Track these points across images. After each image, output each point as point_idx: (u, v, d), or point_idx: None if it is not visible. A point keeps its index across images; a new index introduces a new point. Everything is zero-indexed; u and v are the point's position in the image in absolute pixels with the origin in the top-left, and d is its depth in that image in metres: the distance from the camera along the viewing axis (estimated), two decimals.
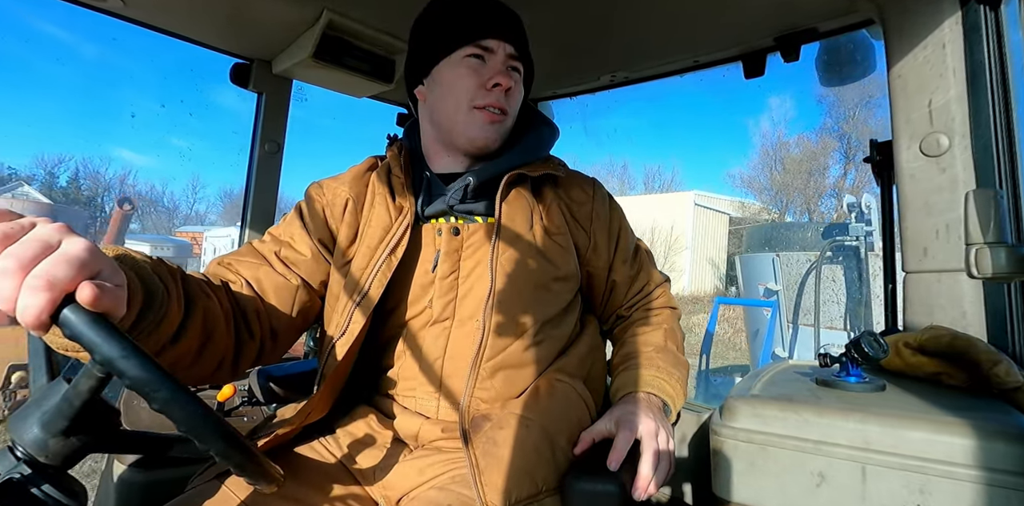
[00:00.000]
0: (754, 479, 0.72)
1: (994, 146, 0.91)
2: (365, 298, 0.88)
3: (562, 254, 0.97)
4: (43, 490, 0.51)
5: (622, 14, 1.30)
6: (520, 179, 0.98)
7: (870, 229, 5.34)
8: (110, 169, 57.94)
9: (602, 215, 1.05)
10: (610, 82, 1.68)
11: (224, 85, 2.60)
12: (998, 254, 0.66)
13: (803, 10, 1.22)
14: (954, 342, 0.82)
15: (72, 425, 0.53)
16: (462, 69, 0.93)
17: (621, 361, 1.01)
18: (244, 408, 1.49)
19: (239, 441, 0.54)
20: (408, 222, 0.92)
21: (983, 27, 0.92)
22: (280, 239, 0.96)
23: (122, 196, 29.14)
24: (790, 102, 41.85)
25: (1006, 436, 0.61)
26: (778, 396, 0.78)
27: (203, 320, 0.75)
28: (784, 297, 6.06)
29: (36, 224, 0.47)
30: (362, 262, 0.91)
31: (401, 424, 0.90)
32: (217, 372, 0.82)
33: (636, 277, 1.09)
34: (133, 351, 0.47)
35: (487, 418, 0.86)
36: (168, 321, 0.67)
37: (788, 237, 6.39)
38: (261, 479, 0.59)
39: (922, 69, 0.97)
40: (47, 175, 38.87)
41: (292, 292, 0.91)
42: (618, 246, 1.06)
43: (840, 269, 5.51)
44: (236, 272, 0.89)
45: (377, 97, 1.85)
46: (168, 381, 0.49)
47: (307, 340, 1.87)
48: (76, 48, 76.82)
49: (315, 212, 0.98)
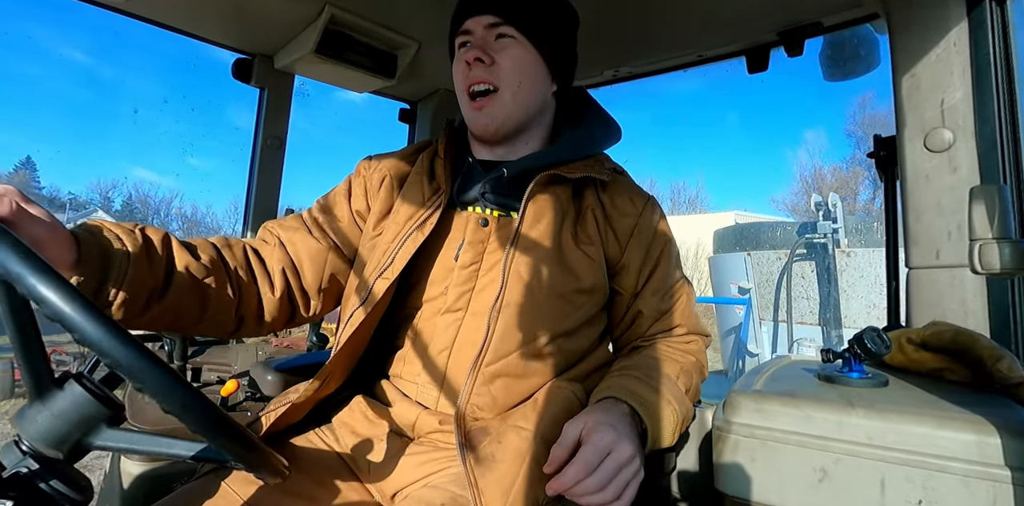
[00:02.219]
0: (756, 474, 0.72)
1: (999, 141, 0.91)
2: (388, 269, 0.87)
3: (589, 266, 0.90)
4: (49, 484, 0.52)
5: (626, 9, 1.30)
6: (556, 179, 0.91)
7: (836, 226, 5.49)
8: (159, 192, 60.10)
9: (644, 234, 0.96)
10: (614, 76, 1.68)
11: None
12: (1002, 250, 0.66)
13: (807, 4, 1.22)
14: (957, 338, 0.82)
15: (78, 420, 0.53)
16: (458, 59, 0.94)
17: (616, 369, 0.90)
18: (248, 403, 1.50)
19: (242, 433, 0.54)
20: (441, 203, 0.90)
21: (989, 22, 0.92)
22: (324, 206, 1.00)
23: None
24: (824, 136, 46.71)
25: (1009, 431, 0.61)
26: (781, 392, 0.78)
27: (192, 281, 0.81)
28: (756, 295, 6.17)
29: None
30: (389, 236, 0.91)
31: (398, 411, 0.88)
32: (241, 327, 0.90)
33: (667, 315, 0.97)
34: (44, 269, 0.46)
35: (485, 432, 0.82)
36: (139, 281, 0.74)
37: (757, 236, 6.52)
38: (266, 471, 0.59)
39: (927, 64, 0.96)
40: (103, 199, 40.86)
41: (324, 254, 0.94)
42: (653, 274, 0.96)
43: (809, 266, 5.66)
44: (275, 234, 0.95)
45: (379, 92, 1.84)
46: (127, 339, 0.47)
47: (310, 334, 1.87)
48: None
49: (357, 183, 1.01)
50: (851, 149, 33.98)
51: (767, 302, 6.05)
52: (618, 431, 0.72)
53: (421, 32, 1.49)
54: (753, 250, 6.30)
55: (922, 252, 0.97)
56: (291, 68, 1.59)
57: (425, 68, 1.68)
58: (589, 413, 0.77)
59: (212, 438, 0.53)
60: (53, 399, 0.53)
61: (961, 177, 0.93)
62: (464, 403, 0.83)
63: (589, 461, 0.68)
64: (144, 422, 1.29)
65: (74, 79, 76.95)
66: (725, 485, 0.75)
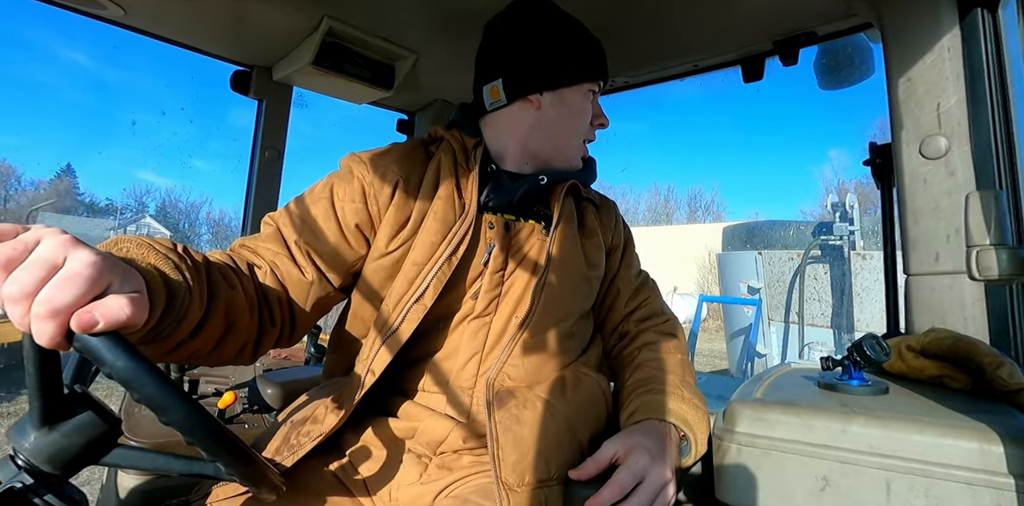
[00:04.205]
0: (758, 483, 0.72)
1: (994, 147, 0.91)
2: (424, 295, 0.85)
3: (598, 252, 1.05)
4: (44, 499, 0.51)
5: (621, 19, 1.31)
6: (573, 190, 1.06)
7: (853, 229, 5.42)
8: (189, 196, 60.75)
9: (621, 233, 1.15)
10: (610, 86, 1.69)
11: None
12: (999, 256, 0.66)
13: (801, 14, 1.23)
14: (956, 344, 0.82)
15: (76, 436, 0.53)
16: (586, 102, 1.03)
17: (639, 384, 0.93)
18: (245, 415, 1.49)
19: (239, 447, 0.54)
20: (471, 219, 0.90)
21: (981, 29, 0.93)
22: (305, 221, 0.89)
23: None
24: (846, 155, 50.87)
25: (1010, 439, 0.61)
26: (781, 400, 0.77)
27: (225, 312, 0.72)
28: (766, 295, 6.11)
29: (41, 239, 0.46)
30: (419, 256, 0.87)
31: (426, 428, 0.86)
32: (237, 357, 0.80)
33: (640, 290, 1.12)
34: (145, 371, 0.47)
35: (512, 395, 0.86)
36: (189, 318, 0.64)
37: (770, 235, 6.45)
38: (264, 486, 0.59)
39: (920, 71, 0.97)
40: (138, 204, 41.49)
41: (306, 287, 0.86)
42: (624, 257, 1.13)
43: (822, 268, 5.59)
44: (261, 256, 0.85)
45: (377, 103, 1.85)
46: (177, 397, 0.49)
47: (307, 346, 1.86)
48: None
49: (353, 190, 0.90)
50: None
51: (777, 303, 5.99)
52: (653, 455, 0.76)
53: (419, 43, 1.50)
54: (764, 249, 6.25)
55: (920, 259, 0.97)
56: (289, 80, 1.60)
57: (423, 79, 1.69)
58: (629, 435, 0.80)
59: (211, 452, 0.53)
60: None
61: (957, 183, 0.93)
62: (497, 371, 0.87)
63: (623, 483, 0.73)
64: (141, 436, 1.29)
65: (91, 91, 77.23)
66: (726, 494, 0.74)
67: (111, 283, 0.48)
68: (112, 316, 0.46)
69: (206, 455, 0.52)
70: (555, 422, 0.83)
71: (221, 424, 0.52)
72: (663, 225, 36.26)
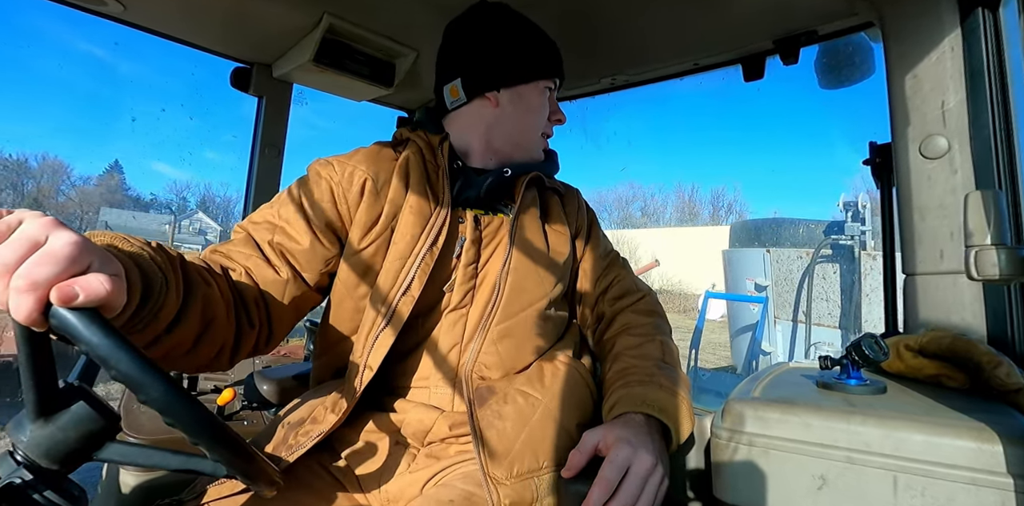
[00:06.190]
0: (755, 482, 0.72)
1: (993, 147, 0.91)
2: (411, 287, 0.88)
3: (562, 238, 1.08)
4: (43, 494, 0.51)
5: (621, 18, 1.31)
6: (537, 182, 1.09)
7: (865, 228, 5.39)
8: (225, 192, 62.01)
9: (585, 217, 1.17)
10: (610, 85, 1.69)
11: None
12: (998, 255, 0.66)
13: (802, 13, 1.23)
14: (954, 344, 0.82)
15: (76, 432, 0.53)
16: (542, 98, 1.07)
17: (618, 376, 0.94)
18: (244, 412, 1.49)
19: (234, 440, 0.54)
20: (446, 212, 0.94)
21: (982, 29, 0.92)
22: (275, 224, 0.90)
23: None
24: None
25: (1008, 438, 0.61)
26: (779, 399, 0.77)
27: (202, 309, 0.72)
28: (773, 293, 6.08)
29: (24, 220, 0.46)
30: (403, 251, 0.90)
31: (412, 419, 0.88)
32: (215, 360, 0.79)
33: (609, 269, 1.15)
34: (122, 346, 0.46)
35: (492, 391, 0.89)
36: (166, 310, 0.65)
37: (779, 233, 6.41)
38: (262, 482, 0.59)
39: (921, 71, 0.97)
40: (179, 199, 42.10)
41: (282, 286, 0.87)
42: (590, 239, 1.15)
43: (831, 267, 5.56)
44: (234, 260, 0.85)
45: (377, 101, 1.85)
46: (162, 380, 0.48)
47: (307, 342, 1.86)
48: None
49: (321, 192, 0.92)
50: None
51: (784, 301, 5.96)
52: (633, 444, 0.78)
53: (419, 41, 1.50)
54: (772, 247, 6.22)
55: (918, 258, 0.97)
56: (289, 77, 1.59)
57: (423, 77, 1.68)
58: (609, 428, 0.82)
59: (210, 448, 0.53)
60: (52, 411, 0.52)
61: (956, 183, 0.93)
62: (472, 361, 0.90)
63: (609, 479, 0.74)
64: (140, 432, 1.29)
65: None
66: (724, 493, 0.75)
67: (91, 263, 0.48)
68: (92, 290, 0.46)
69: (189, 438, 0.52)
70: (537, 413, 0.86)
71: (201, 404, 0.52)
72: (687, 226, 36.40)
